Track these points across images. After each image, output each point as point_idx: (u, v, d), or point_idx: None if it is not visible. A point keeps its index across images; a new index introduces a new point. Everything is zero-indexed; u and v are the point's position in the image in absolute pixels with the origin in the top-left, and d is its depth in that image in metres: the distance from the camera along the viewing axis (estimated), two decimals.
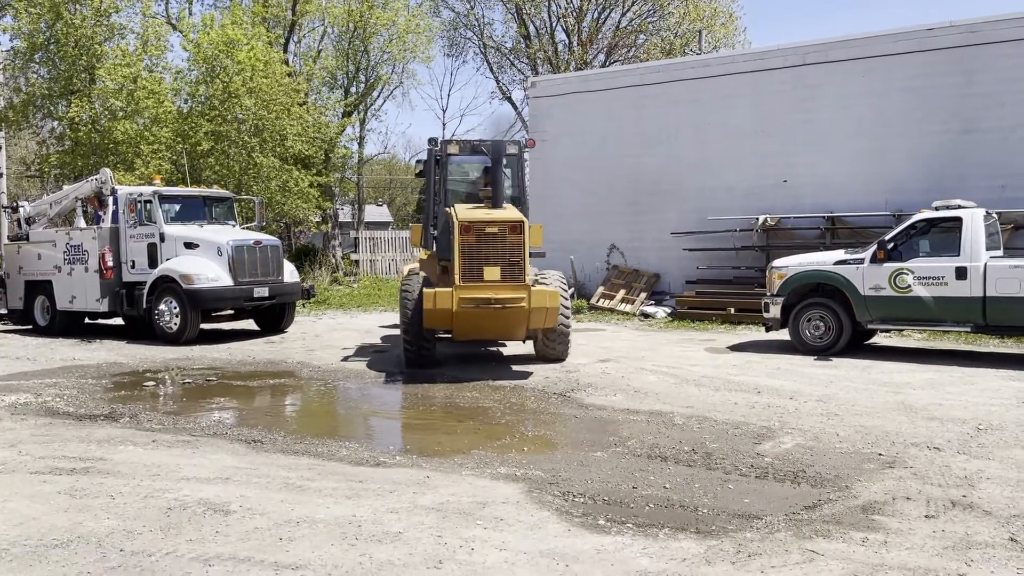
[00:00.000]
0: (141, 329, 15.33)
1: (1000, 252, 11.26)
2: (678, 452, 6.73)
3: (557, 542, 4.76)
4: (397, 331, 13.50)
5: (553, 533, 4.91)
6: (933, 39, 15.02)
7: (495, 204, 10.40)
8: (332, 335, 15.18)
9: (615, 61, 38.35)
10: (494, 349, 12.89)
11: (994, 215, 11.45)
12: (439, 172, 11.48)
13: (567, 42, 39.70)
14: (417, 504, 5.41)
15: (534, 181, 20.22)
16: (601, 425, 7.81)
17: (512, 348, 12.73)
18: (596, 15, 39.45)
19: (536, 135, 19.01)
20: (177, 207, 15.47)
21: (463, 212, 10.18)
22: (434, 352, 10.91)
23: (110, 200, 15.28)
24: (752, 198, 16.93)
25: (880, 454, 6.61)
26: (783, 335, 12.58)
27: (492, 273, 9.73)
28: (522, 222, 9.94)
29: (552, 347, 11.17)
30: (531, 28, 39.84)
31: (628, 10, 38.90)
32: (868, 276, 11.25)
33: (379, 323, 17.18)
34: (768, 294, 12.33)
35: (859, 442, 6.99)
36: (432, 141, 11.50)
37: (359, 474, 6.18)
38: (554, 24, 39.80)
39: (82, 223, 15.83)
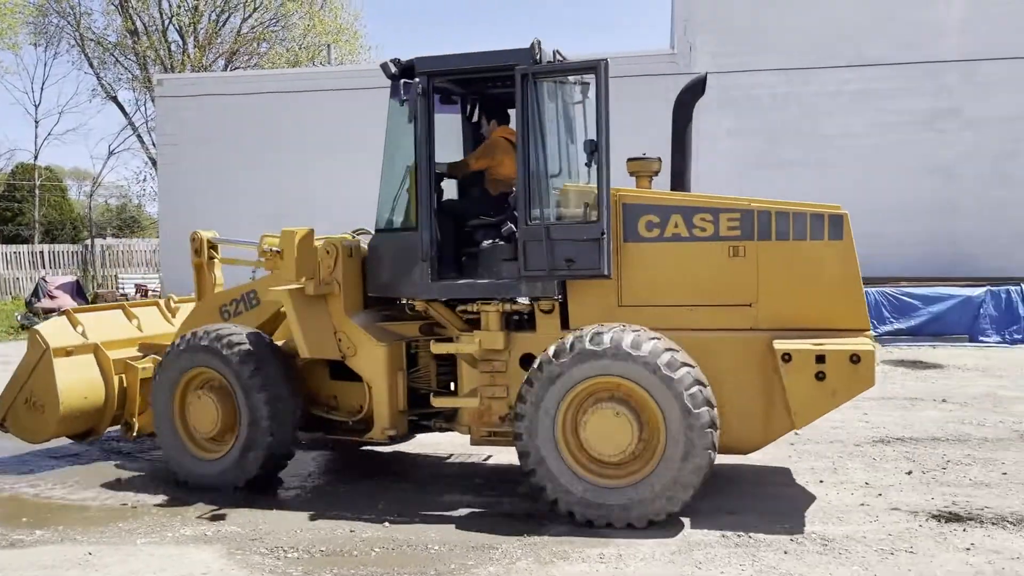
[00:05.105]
0: None
1: None
2: (374, 476, 6.27)
3: None
4: None
5: None
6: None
7: (680, 184, 6.11)
8: None
9: (237, 67, 36.37)
10: None
11: None
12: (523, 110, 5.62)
13: (181, 43, 36.81)
14: None
15: (162, 193, 18.17)
16: None
17: None
18: (214, 17, 37.15)
19: (164, 140, 17.04)
20: None
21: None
22: None
23: None
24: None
25: None
26: None
27: None
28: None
29: None
30: (138, 24, 36.21)
31: (249, 16, 37.22)
32: None
33: None
34: None
35: None
36: (530, 54, 5.60)
37: None
38: (166, 22, 36.66)
39: None
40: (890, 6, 15.41)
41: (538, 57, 5.60)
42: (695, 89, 6.06)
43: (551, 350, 5.25)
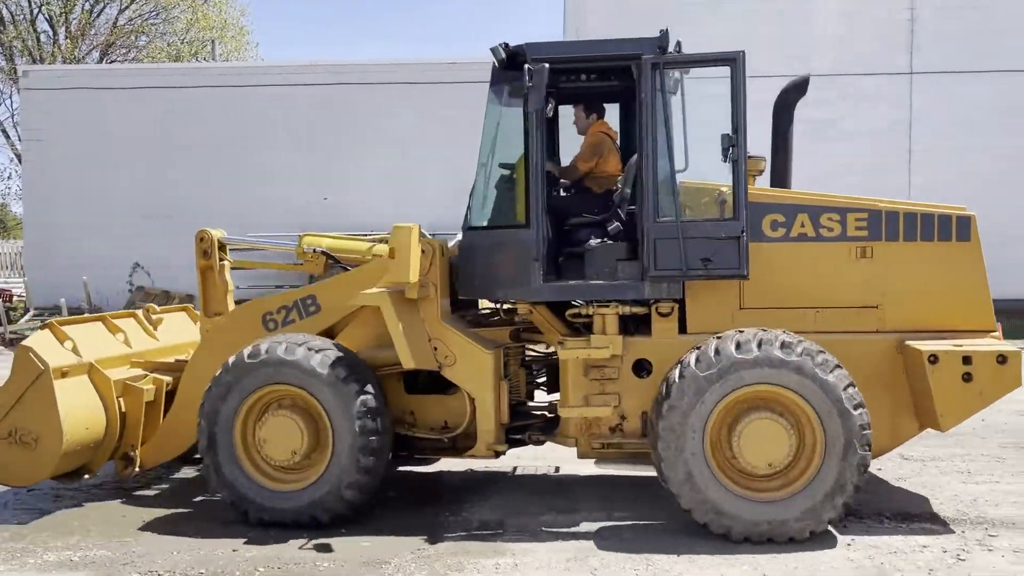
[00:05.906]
0: None
1: None
2: None
3: None
4: None
5: None
6: (459, 72, 16.36)
7: (782, 184, 5.87)
8: None
9: (113, 61, 34.60)
10: None
11: None
12: (650, 99, 5.40)
13: (51, 33, 34.72)
14: None
15: (27, 191, 17.14)
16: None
17: None
18: (88, 8, 35.21)
19: (29, 135, 16.10)
20: None
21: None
22: None
23: None
24: (296, 214, 16.61)
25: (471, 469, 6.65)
26: None
27: None
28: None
29: None
30: (4, 12, 33.95)
31: (127, 8, 35.47)
32: None
33: None
34: None
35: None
36: (658, 43, 5.40)
37: None
38: (35, 11, 34.53)
39: None
40: (773, 20, 16.04)
41: (667, 46, 5.32)
42: (798, 89, 5.88)
43: (691, 359, 4.91)
